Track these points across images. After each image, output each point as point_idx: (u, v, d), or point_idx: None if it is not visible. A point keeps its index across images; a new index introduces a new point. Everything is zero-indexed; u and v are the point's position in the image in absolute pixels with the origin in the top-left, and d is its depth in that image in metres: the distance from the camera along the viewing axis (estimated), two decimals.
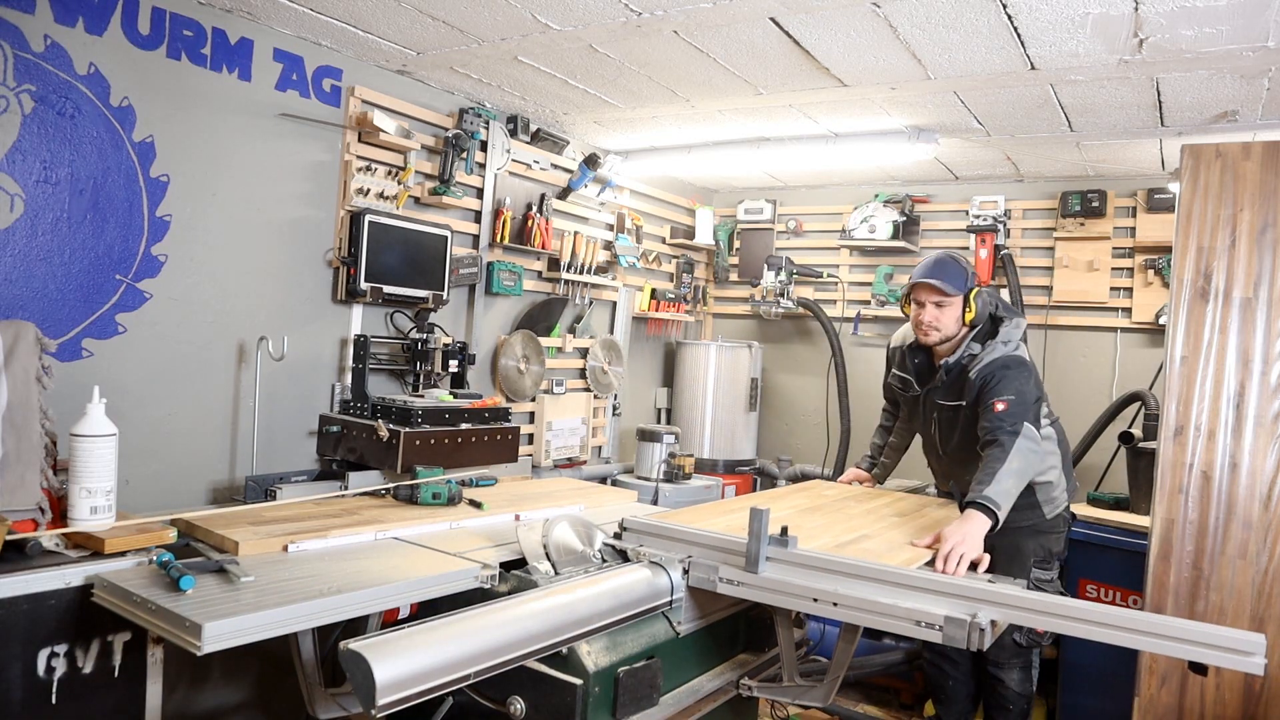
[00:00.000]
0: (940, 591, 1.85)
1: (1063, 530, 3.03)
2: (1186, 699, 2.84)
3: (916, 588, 1.87)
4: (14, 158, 2.39)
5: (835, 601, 1.89)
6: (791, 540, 2.03)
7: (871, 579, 1.91)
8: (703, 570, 2.09)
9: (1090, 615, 1.74)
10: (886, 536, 2.45)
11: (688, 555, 2.14)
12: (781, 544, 2.02)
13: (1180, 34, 2.52)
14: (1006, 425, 2.59)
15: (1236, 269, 2.87)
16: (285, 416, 3.10)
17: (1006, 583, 2.00)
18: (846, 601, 1.88)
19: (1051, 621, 1.77)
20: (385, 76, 3.33)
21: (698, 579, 2.10)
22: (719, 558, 2.09)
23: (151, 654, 1.97)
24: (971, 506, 2.41)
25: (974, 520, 2.35)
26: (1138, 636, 1.69)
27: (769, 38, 2.77)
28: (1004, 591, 1.83)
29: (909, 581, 1.89)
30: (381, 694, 1.40)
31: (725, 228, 5.34)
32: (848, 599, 1.88)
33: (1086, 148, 3.85)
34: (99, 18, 2.53)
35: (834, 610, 1.89)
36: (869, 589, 1.89)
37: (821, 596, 1.90)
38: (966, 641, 1.73)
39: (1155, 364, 3.94)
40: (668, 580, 2.08)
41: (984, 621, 1.74)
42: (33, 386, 2.03)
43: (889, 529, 2.55)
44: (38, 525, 1.95)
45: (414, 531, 2.38)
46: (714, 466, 4.76)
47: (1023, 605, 1.80)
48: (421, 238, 3.40)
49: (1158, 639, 1.68)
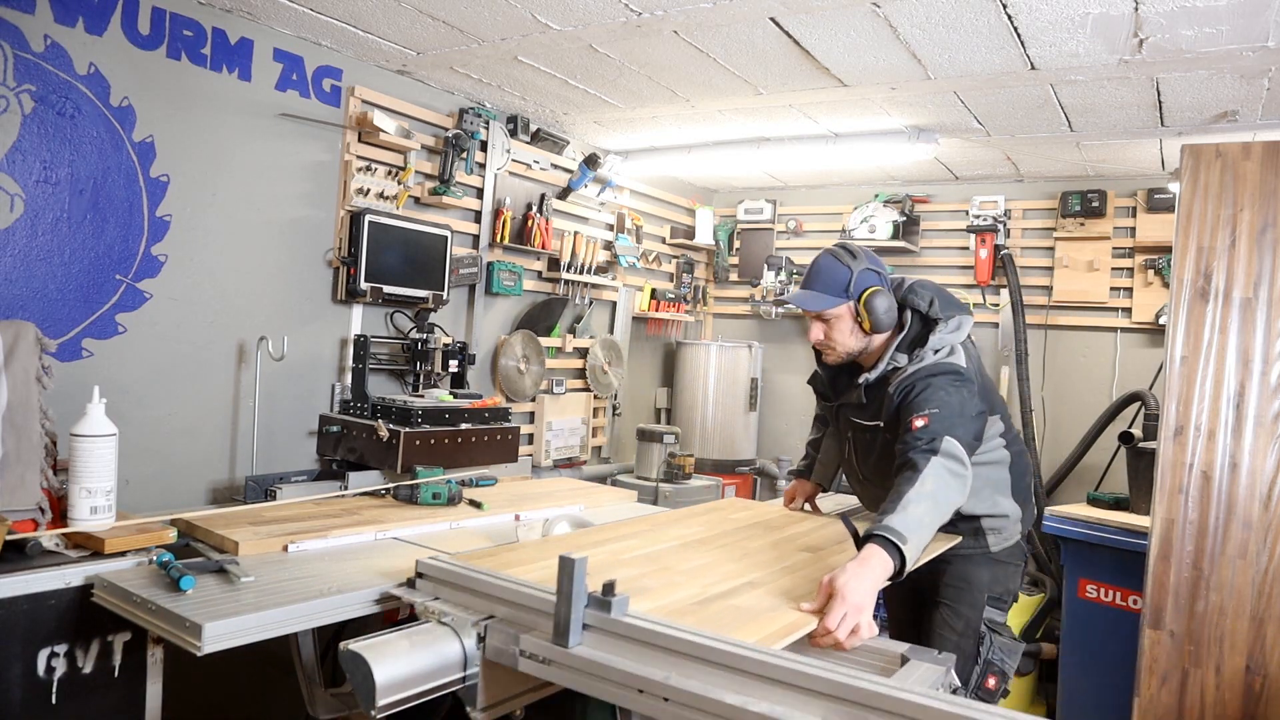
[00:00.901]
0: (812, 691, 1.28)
1: (1019, 564, 2.43)
2: (1186, 699, 2.84)
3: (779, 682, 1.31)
4: (14, 158, 2.39)
5: (666, 696, 1.34)
6: (619, 602, 1.47)
7: (718, 664, 1.36)
8: (500, 639, 1.53)
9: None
10: (776, 585, 1.84)
11: (489, 615, 1.60)
12: (603, 608, 1.46)
13: (1180, 34, 2.52)
14: (922, 443, 1.98)
15: (1236, 269, 2.86)
16: (285, 416, 3.10)
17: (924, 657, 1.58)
18: (679, 698, 1.32)
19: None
20: (385, 76, 3.33)
21: (494, 650, 1.54)
22: (526, 620, 1.55)
23: (151, 654, 1.96)
24: (870, 540, 1.78)
25: (870, 563, 1.72)
26: None
27: (769, 38, 2.77)
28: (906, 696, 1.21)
29: (770, 672, 1.32)
30: (381, 694, 1.40)
31: (725, 228, 5.34)
32: (681, 694, 1.32)
33: (1086, 148, 3.85)
34: (99, 18, 2.53)
35: (663, 709, 1.34)
36: (714, 679, 1.34)
37: (649, 688, 1.35)
38: None
39: (1155, 364, 3.94)
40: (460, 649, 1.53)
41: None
42: (33, 386, 2.03)
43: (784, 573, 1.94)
44: (38, 525, 1.94)
45: (414, 532, 2.38)
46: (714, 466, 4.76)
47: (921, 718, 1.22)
48: (421, 238, 3.40)
49: None
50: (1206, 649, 2.77)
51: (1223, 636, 2.75)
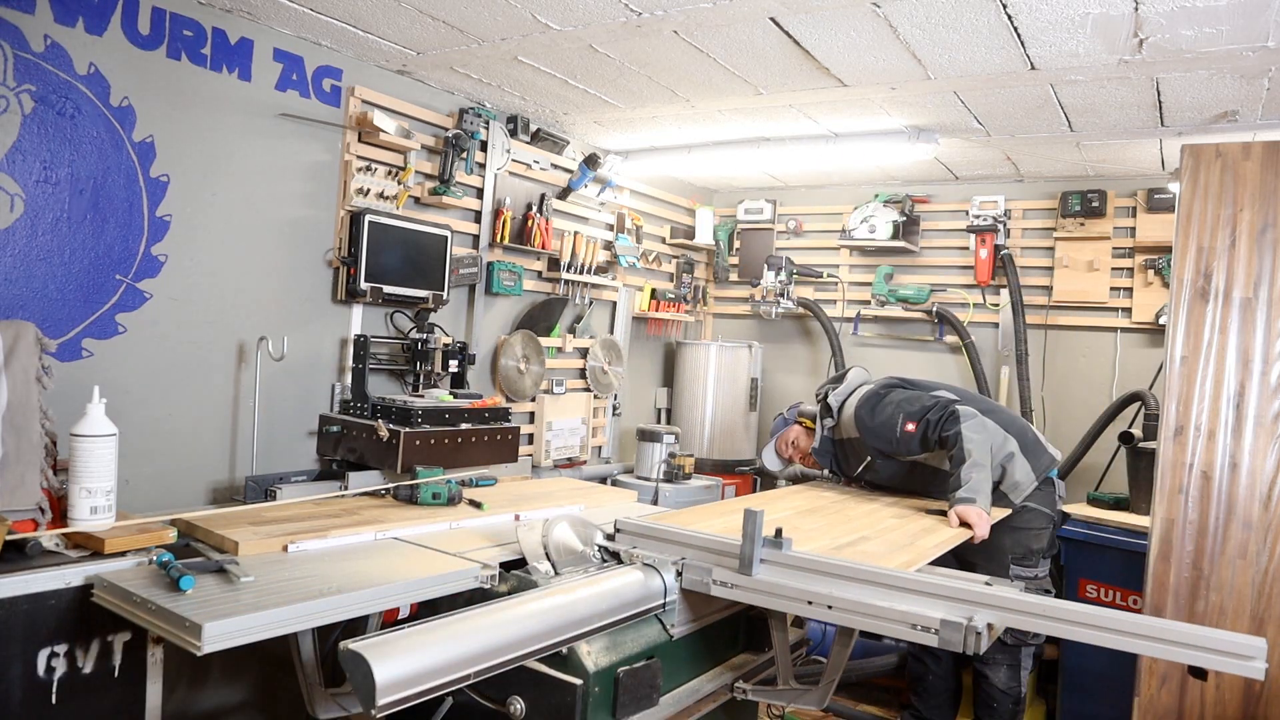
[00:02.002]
0: (936, 594, 1.82)
1: (1042, 526, 3.11)
2: (1186, 700, 2.84)
3: (912, 590, 1.84)
4: (14, 158, 2.39)
5: (830, 604, 1.87)
6: (786, 543, 2.01)
7: (867, 582, 1.89)
8: (696, 573, 2.06)
9: (1087, 619, 1.73)
10: (886, 539, 2.43)
11: (681, 557, 2.11)
12: (776, 546, 2.00)
13: (1180, 34, 2.52)
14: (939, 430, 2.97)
15: (1236, 269, 2.86)
16: (285, 416, 3.10)
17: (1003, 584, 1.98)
18: (841, 604, 1.86)
19: (1049, 625, 1.76)
20: (385, 76, 3.33)
21: (691, 581, 2.07)
22: (713, 560, 2.07)
23: (151, 654, 1.97)
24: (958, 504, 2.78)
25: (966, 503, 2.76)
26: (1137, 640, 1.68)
27: (769, 38, 2.77)
28: (1001, 595, 1.80)
29: (905, 584, 1.86)
30: (381, 694, 1.40)
31: (725, 228, 5.34)
32: (842, 602, 1.86)
33: (1086, 148, 3.85)
34: (99, 18, 2.53)
35: (829, 613, 1.87)
36: (864, 592, 1.87)
37: (816, 599, 1.88)
38: (963, 645, 1.72)
39: (1155, 364, 3.94)
40: (661, 583, 2.06)
41: (980, 625, 1.73)
42: (33, 386, 2.03)
43: (887, 531, 2.54)
44: (38, 525, 1.95)
45: (414, 531, 2.39)
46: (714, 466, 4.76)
47: (1021, 609, 1.79)
48: (421, 238, 3.40)
49: (1157, 643, 1.66)
50: None
51: None
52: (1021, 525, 3.04)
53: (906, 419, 3.04)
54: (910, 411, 3.06)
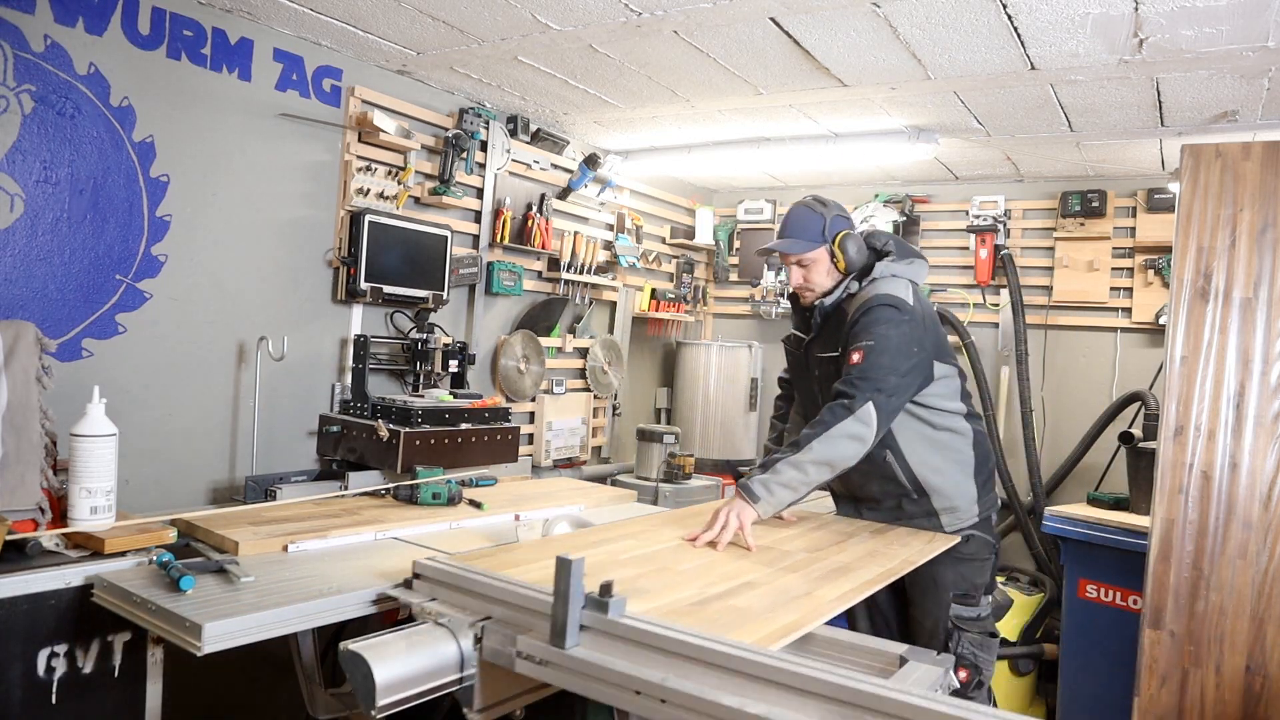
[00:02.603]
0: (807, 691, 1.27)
1: (986, 558, 2.51)
2: (1186, 699, 2.84)
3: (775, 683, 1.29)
4: (14, 158, 2.39)
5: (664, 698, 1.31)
6: (617, 603, 1.45)
7: (716, 666, 1.34)
8: (498, 639, 1.51)
9: None
10: (778, 584, 1.86)
11: (487, 616, 1.58)
12: (601, 608, 1.44)
13: (1180, 34, 2.52)
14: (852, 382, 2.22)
15: (1236, 269, 2.86)
16: (285, 416, 3.10)
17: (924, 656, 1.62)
18: (677, 700, 1.30)
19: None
20: (385, 76, 3.33)
21: (492, 651, 1.52)
22: (524, 621, 1.53)
23: (151, 654, 1.96)
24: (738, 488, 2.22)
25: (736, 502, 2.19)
26: None
27: (769, 38, 2.77)
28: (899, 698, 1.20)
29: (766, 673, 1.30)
30: (381, 694, 1.40)
31: (725, 228, 5.34)
32: (678, 696, 1.29)
33: (1086, 148, 3.85)
34: (99, 18, 2.53)
35: (661, 711, 1.31)
36: (710, 679, 1.32)
37: (646, 689, 1.33)
38: None
39: (1155, 364, 3.94)
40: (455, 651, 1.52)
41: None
42: (33, 386, 2.03)
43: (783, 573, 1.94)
44: (38, 525, 1.95)
45: (414, 531, 2.38)
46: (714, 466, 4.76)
47: None
48: (421, 238, 3.40)
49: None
50: (1206, 649, 2.77)
51: (1223, 636, 2.75)
52: (966, 555, 2.45)
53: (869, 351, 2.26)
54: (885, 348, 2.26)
